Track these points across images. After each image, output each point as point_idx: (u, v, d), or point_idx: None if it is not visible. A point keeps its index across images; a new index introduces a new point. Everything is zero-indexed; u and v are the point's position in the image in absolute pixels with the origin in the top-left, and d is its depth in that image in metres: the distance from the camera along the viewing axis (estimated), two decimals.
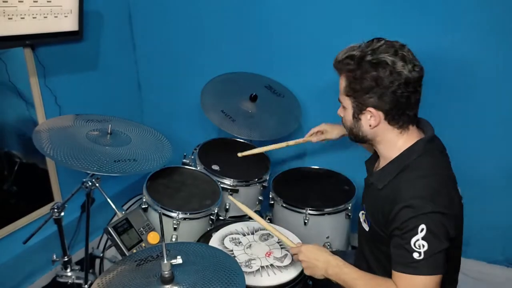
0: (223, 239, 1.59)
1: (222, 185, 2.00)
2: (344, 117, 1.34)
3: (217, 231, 1.65)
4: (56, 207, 1.69)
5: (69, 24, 2.05)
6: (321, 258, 1.31)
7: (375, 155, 1.44)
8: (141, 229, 1.72)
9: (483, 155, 2.16)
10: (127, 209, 2.01)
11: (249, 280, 1.36)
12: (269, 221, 2.11)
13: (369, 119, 1.25)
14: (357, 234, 1.50)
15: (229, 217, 2.06)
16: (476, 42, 1.99)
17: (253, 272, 1.42)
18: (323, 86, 2.35)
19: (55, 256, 1.82)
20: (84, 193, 1.67)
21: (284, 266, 1.46)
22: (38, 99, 2.11)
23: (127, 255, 1.60)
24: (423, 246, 1.11)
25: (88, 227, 1.71)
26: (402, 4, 2.05)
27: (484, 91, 2.06)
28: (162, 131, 1.90)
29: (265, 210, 2.24)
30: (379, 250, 1.32)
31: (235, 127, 2.15)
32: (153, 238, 1.73)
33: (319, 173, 2.28)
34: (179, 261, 1.10)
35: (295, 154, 2.62)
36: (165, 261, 1.07)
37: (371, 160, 1.46)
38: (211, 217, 1.86)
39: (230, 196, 1.71)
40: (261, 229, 1.68)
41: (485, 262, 2.36)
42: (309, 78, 2.38)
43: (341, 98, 1.31)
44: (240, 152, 2.02)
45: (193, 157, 2.16)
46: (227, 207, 2.04)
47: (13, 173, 2.08)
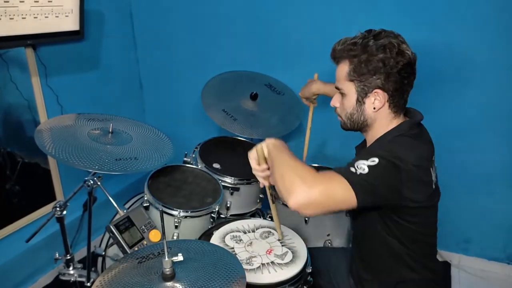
0: (224, 237, 1.60)
1: (223, 183, 2.00)
2: (342, 105, 1.36)
3: (218, 229, 1.65)
4: (58, 206, 1.70)
5: (70, 23, 2.06)
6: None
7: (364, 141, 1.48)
8: (143, 227, 1.73)
9: (484, 153, 2.16)
10: (128, 208, 2.02)
11: (250, 277, 1.36)
12: (270, 219, 2.11)
13: (373, 102, 1.28)
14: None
15: (230, 215, 2.07)
16: (472, 37, 1.99)
17: (254, 269, 1.42)
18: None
19: (57, 254, 1.83)
20: (86, 191, 1.68)
21: (285, 263, 1.46)
22: (39, 99, 2.12)
23: (129, 253, 1.61)
24: (363, 169, 1.13)
25: (90, 226, 1.72)
26: (402, 3, 2.06)
27: (484, 88, 2.06)
28: (163, 130, 1.91)
29: (266, 208, 2.24)
30: (369, 219, 1.33)
31: (237, 126, 2.16)
32: (154, 236, 1.73)
33: (319, 171, 2.28)
34: (180, 258, 1.10)
35: (295, 152, 2.61)
36: (166, 259, 1.07)
37: (361, 145, 1.51)
38: (212, 215, 1.87)
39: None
40: (262, 227, 1.68)
41: (486, 259, 2.36)
42: (308, 76, 2.37)
43: (340, 85, 1.33)
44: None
45: (194, 155, 2.17)
46: (228, 205, 2.05)
47: (16, 172, 2.09)
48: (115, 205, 1.73)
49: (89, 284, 1.76)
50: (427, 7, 2.01)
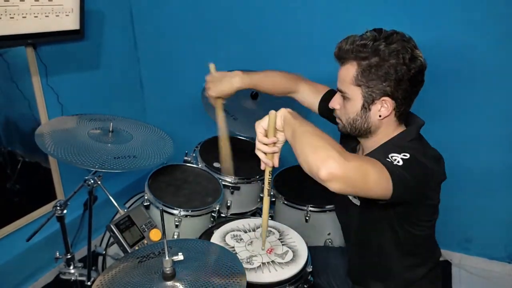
0: (225, 236, 1.60)
1: (223, 183, 2.00)
2: (344, 109, 1.27)
3: (218, 228, 1.65)
4: (58, 205, 1.70)
5: (71, 23, 2.06)
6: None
7: (349, 144, 1.45)
8: (143, 226, 1.73)
9: (485, 152, 2.16)
10: (129, 207, 2.02)
11: (250, 276, 1.36)
12: (270, 218, 2.11)
13: (379, 109, 1.21)
14: (340, 214, 1.52)
15: (231, 214, 2.07)
16: (474, 35, 1.99)
17: (255, 268, 1.42)
18: (323, 82, 2.34)
19: (58, 253, 1.83)
20: (86, 191, 1.68)
21: (285, 262, 1.46)
22: (40, 98, 2.12)
23: (129, 252, 1.61)
24: (398, 161, 1.08)
25: (90, 225, 1.72)
26: (402, 3, 2.05)
27: (485, 87, 2.06)
28: (164, 129, 1.91)
29: None
30: (372, 221, 1.31)
31: (237, 125, 2.15)
32: (155, 235, 1.73)
33: None
34: (180, 257, 1.10)
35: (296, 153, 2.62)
36: (167, 258, 1.07)
37: (347, 148, 1.45)
38: (213, 214, 1.87)
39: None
40: None
41: (487, 258, 2.36)
42: (308, 74, 2.37)
43: (345, 88, 1.23)
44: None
45: (194, 154, 2.17)
46: (229, 204, 2.05)
47: (16, 171, 2.09)
48: (116, 204, 1.73)
49: (89, 283, 1.76)
50: (431, 6, 2.01)
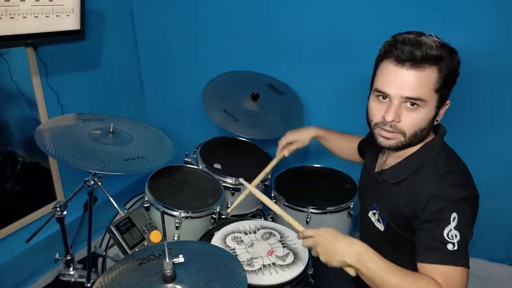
0: (225, 238, 1.59)
1: (224, 184, 2.00)
2: (413, 118, 1.15)
3: (219, 229, 1.65)
4: (58, 206, 1.69)
5: (71, 23, 2.05)
6: (342, 241, 1.14)
7: (373, 150, 1.42)
8: (143, 227, 1.72)
9: (487, 154, 2.16)
10: (129, 208, 2.02)
11: (251, 278, 1.36)
12: (271, 220, 2.11)
13: (440, 114, 1.20)
14: (364, 234, 1.47)
15: (231, 216, 2.06)
16: (482, 38, 1.98)
17: (255, 270, 1.42)
18: (324, 83, 2.35)
19: (57, 255, 1.82)
20: (86, 192, 1.67)
21: (286, 264, 1.46)
22: (40, 98, 2.11)
23: (129, 253, 1.60)
24: (456, 236, 1.07)
25: (90, 226, 1.72)
26: (402, 2, 2.05)
27: (488, 89, 2.05)
28: (164, 130, 1.90)
29: (267, 209, 2.23)
30: (394, 249, 1.28)
31: (238, 126, 2.15)
32: (155, 236, 1.73)
33: (321, 172, 2.28)
34: (181, 259, 1.10)
35: (297, 153, 2.61)
36: (167, 260, 1.07)
37: (370, 156, 1.44)
38: (213, 215, 1.86)
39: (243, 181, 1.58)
40: (263, 228, 1.68)
41: (488, 260, 2.35)
42: (310, 75, 2.38)
43: (423, 95, 1.12)
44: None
45: (195, 156, 2.16)
46: (229, 205, 2.04)
47: (16, 172, 2.09)
48: (116, 205, 1.72)
49: (89, 285, 1.75)
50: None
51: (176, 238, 1.80)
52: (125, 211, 1.74)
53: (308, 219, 1.93)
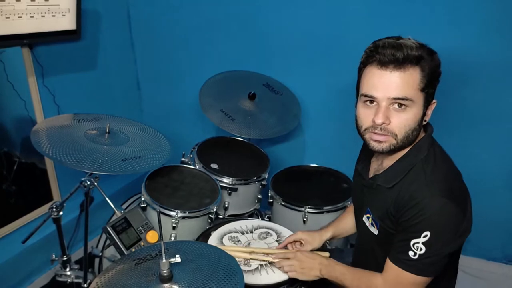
0: (222, 238, 1.59)
1: (221, 184, 2.00)
2: (402, 119, 1.16)
3: (216, 229, 1.65)
4: (54, 207, 1.69)
5: (67, 23, 2.05)
6: (316, 260, 1.40)
7: (365, 156, 1.42)
8: (140, 228, 1.72)
9: (482, 153, 2.16)
10: (126, 208, 2.01)
11: (248, 278, 1.36)
12: (268, 219, 2.11)
13: (428, 114, 1.21)
14: (360, 238, 1.47)
15: (228, 216, 2.06)
16: (474, 39, 1.99)
17: (252, 270, 1.41)
18: (321, 82, 2.35)
19: (54, 255, 1.82)
20: (83, 192, 1.67)
21: None
22: (36, 99, 2.11)
23: (126, 254, 1.59)
24: (421, 249, 1.13)
25: (87, 226, 1.71)
26: (401, 1, 2.05)
27: (484, 89, 2.06)
28: (161, 130, 1.90)
29: (264, 208, 2.24)
30: (388, 247, 1.27)
31: (235, 126, 2.15)
32: (152, 237, 1.73)
33: (318, 171, 2.28)
34: (177, 259, 1.09)
35: (294, 152, 2.62)
36: (164, 260, 1.07)
37: (362, 162, 1.43)
38: (210, 215, 1.86)
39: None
40: (260, 228, 1.68)
41: (484, 259, 2.36)
42: (307, 75, 2.38)
43: (410, 95, 1.13)
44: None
45: (192, 155, 2.16)
46: (226, 205, 2.04)
47: (12, 172, 2.08)
48: (112, 205, 1.72)
49: (85, 285, 1.75)
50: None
51: (173, 238, 1.80)
52: (122, 212, 1.74)
53: (305, 219, 1.93)
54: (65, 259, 1.81)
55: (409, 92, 1.12)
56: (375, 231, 1.31)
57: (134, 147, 1.67)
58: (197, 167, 2.08)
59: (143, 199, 1.83)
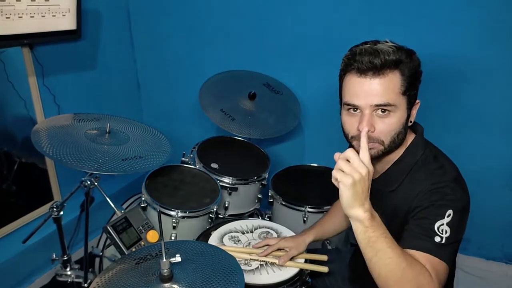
0: (222, 237, 1.59)
1: (221, 184, 2.00)
2: (386, 125, 1.15)
3: (216, 229, 1.65)
4: (55, 206, 1.69)
5: (67, 23, 2.05)
6: (367, 201, 1.11)
7: None
8: (140, 227, 1.72)
9: (482, 153, 2.16)
10: (126, 208, 2.01)
11: (248, 278, 1.36)
12: (268, 219, 2.11)
13: (413, 114, 1.20)
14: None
15: (228, 215, 2.07)
16: (472, 40, 1.99)
17: (253, 270, 1.42)
18: (321, 82, 2.35)
19: (54, 255, 1.82)
20: (83, 192, 1.67)
21: None
22: (36, 98, 2.11)
23: (126, 253, 1.60)
24: (446, 232, 1.08)
25: (87, 226, 1.71)
26: (400, 2, 2.05)
27: (483, 89, 2.06)
28: (161, 130, 1.90)
29: (265, 208, 2.24)
30: None
31: (235, 126, 2.16)
32: (152, 236, 1.73)
33: (318, 171, 2.28)
34: (178, 259, 1.10)
35: (294, 152, 2.62)
36: (164, 260, 1.07)
37: None
38: (210, 215, 1.86)
39: None
40: (260, 227, 1.68)
41: (484, 259, 2.36)
42: (306, 75, 2.38)
43: (392, 99, 1.12)
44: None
45: (192, 155, 2.16)
46: (226, 205, 2.04)
47: (13, 172, 2.08)
48: (112, 205, 1.72)
49: (86, 285, 1.75)
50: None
51: (173, 237, 1.80)
52: (122, 211, 1.74)
53: (305, 218, 1.94)
54: (66, 258, 1.81)
55: (390, 97, 1.12)
56: None
57: (134, 147, 1.67)
58: (197, 166, 2.08)
59: (143, 199, 1.83)
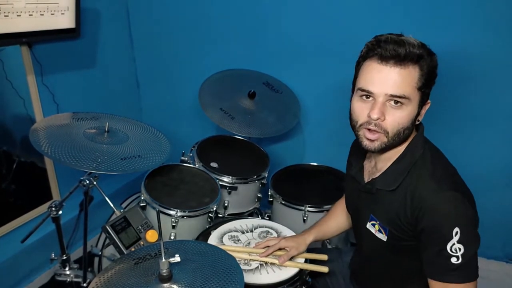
0: (222, 237, 1.59)
1: (220, 183, 1.99)
2: (396, 117, 1.14)
3: (215, 229, 1.64)
4: (54, 206, 1.68)
5: (66, 21, 2.04)
6: None
7: (356, 161, 1.40)
8: (139, 227, 1.72)
9: (483, 152, 2.16)
10: (125, 207, 2.01)
11: (248, 278, 1.36)
12: (268, 218, 2.11)
13: (422, 114, 1.20)
14: (364, 247, 1.41)
15: (228, 215, 2.06)
16: (473, 37, 1.98)
17: (252, 270, 1.41)
18: (321, 81, 2.34)
19: (53, 254, 1.81)
20: (82, 191, 1.66)
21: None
22: (35, 97, 2.10)
23: (125, 253, 1.59)
24: (460, 249, 1.08)
25: (86, 226, 1.71)
26: (401, 1, 2.05)
27: (483, 87, 2.05)
28: (160, 129, 1.89)
29: (264, 207, 2.23)
30: (400, 257, 1.27)
31: (235, 125, 2.15)
32: (151, 236, 1.72)
33: (318, 170, 2.28)
34: (177, 259, 1.09)
35: (294, 151, 2.61)
36: (163, 260, 1.06)
37: (355, 167, 1.40)
38: (210, 214, 1.86)
39: None
40: (260, 227, 1.67)
41: (485, 258, 2.35)
42: (307, 74, 2.37)
43: (407, 93, 1.12)
44: None
45: (191, 154, 2.15)
46: (226, 204, 2.04)
47: (12, 171, 2.07)
48: (111, 205, 1.72)
49: (85, 284, 1.75)
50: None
51: (172, 237, 1.80)
52: (121, 211, 1.73)
53: (305, 218, 1.93)
54: (65, 258, 1.81)
55: (406, 90, 1.11)
56: (383, 237, 1.27)
57: (133, 146, 1.67)
58: (197, 166, 2.07)
59: (142, 198, 1.82)
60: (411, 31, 1.18)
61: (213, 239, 1.57)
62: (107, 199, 1.70)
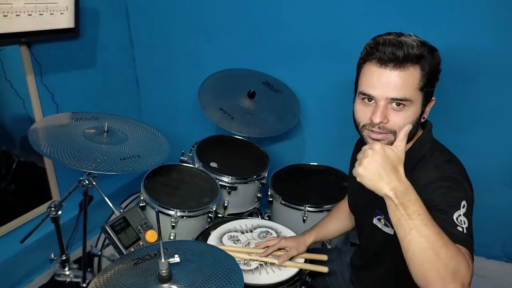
0: (222, 237, 1.59)
1: (220, 183, 1.99)
2: (403, 119, 1.13)
3: (215, 229, 1.64)
4: (53, 206, 1.68)
5: (65, 21, 2.03)
6: (394, 174, 1.01)
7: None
8: (139, 227, 1.71)
9: (483, 151, 2.16)
10: (125, 207, 2.01)
11: (248, 278, 1.35)
12: (267, 218, 2.10)
13: (427, 112, 1.19)
14: (371, 244, 1.40)
15: (228, 215, 2.06)
16: (474, 36, 1.98)
17: (252, 270, 1.41)
18: (321, 81, 2.34)
19: (53, 254, 1.81)
20: (82, 191, 1.66)
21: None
22: (34, 97, 2.10)
23: (125, 253, 1.59)
24: (464, 222, 1.06)
25: (85, 226, 1.70)
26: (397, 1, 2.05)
27: (483, 86, 2.05)
28: (160, 129, 1.89)
29: (264, 207, 2.23)
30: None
31: (234, 125, 2.15)
32: (151, 236, 1.72)
33: (318, 170, 2.27)
34: (176, 259, 1.09)
35: (293, 151, 2.61)
36: (163, 260, 1.06)
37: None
38: (210, 215, 1.85)
39: None
40: (260, 227, 1.67)
41: (484, 257, 2.36)
42: (306, 73, 2.37)
43: (409, 94, 1.10)
44: None
45: (191, 154, 2.15)
46: (226, 204, 2.03)
47: (11, 171, 2.07)
48: (111, 205, 1.71)
49: (84, 285, 1.74)
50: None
51: (172, 237, 1.79)
52: (121, 211, 1.73)
53: (305, 217, 1.93)
54: (64, 258, 1.80)
55: (408, 92, 1.10)
56: (390, 231, 1.27)
57: (132, 146, 1.66)
58: (196, 166, 2.07)
59: (142, 198, 1.82)
60: (415, 30, 1.17)
61: (212, 239, 1.57)
62: (106, 199, 1.69)
